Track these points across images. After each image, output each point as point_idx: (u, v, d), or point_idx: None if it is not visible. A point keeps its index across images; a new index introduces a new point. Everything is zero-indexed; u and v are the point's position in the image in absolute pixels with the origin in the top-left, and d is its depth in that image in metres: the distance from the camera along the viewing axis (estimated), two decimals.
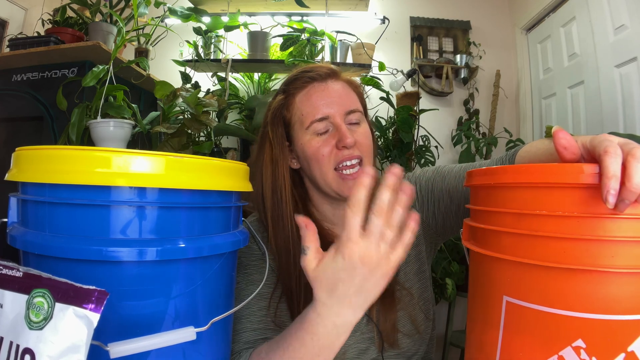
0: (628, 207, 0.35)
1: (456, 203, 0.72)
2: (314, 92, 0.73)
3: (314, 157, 0.70)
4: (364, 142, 0.72)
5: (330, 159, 0.70)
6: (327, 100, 0.71)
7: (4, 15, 2.09)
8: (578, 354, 0.37)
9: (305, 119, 0.71)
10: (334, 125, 0.71)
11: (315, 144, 0.70)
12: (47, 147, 0.40)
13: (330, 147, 0.70)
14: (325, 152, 0.70)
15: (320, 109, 0.71)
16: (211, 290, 0.46)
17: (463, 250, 1.08)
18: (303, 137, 0.72)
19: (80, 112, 1.37)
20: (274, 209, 0.72)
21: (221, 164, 0.45)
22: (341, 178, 0.70)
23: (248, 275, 0.71)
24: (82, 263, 0.38)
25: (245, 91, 2.29)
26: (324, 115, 0.70)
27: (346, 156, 0.69)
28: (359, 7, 2.24)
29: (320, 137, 0.71)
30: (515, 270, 0.41)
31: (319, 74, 0.74)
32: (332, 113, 0.70)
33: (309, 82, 0.74)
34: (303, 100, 0.73)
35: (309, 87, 0.73)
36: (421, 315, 0.75)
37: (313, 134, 0.71)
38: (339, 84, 0.74)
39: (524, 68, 2.37)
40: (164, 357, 0.41)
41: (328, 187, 0.71)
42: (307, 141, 0.71)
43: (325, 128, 0.71)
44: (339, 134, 0.69)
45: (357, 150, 0.70)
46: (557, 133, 0.40)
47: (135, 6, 1.50)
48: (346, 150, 0.69)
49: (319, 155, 0.70)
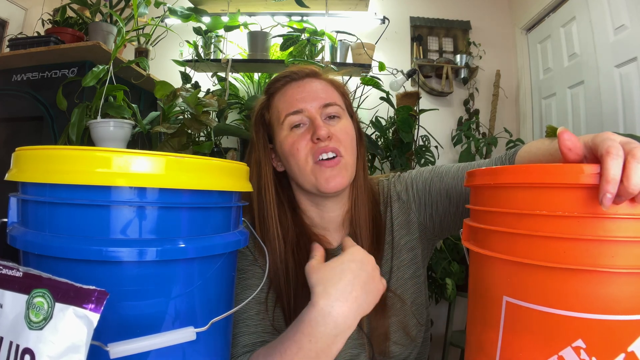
0: (623, 203, 0.35)
1: (454, 204, 0.71)
2: (289, 89, 0.73)
3: (290, 152, 0.70)
4: (342, 136, 0.70)
5: (308, 152, 0.69)
6: (302, 95, 0.71)
7: (4, 15, 2.09)
8: (578, 354, 0.37)
9: (280, 114, 0.72)
10: (310, 119, 0.70)
11: (291, 139, 0.70)
12: (47, 147, 0.40)
13: (305, 141, 0.69)
14: (300, 146, 0.69)
15: (294, 104, 0.71)
16: (211, 290, 0.46)
17: (463, 250, 1.09)
18: (280, 134, 0.72)
19: (80, 112, 1.37)
20: (260, 209, 0.72)
21: (221, 164, 0.45)
22: (318, 166, 0.69)
23: (243, 280, 0.71)
24: (82, 263, 0.38)
25: (245, 91, 2.29)
26: (297, 108, 0.70)
27: (322, 148, 0.68)
28: (359, 7, 2.24)
29: (295, 132, 0.70)
30: (515, 270, 0.41)
31: (298, 74, 0.75)
32: (306, 107, 0.70)
33: (287, 82, 0.75)
34: (279, 98, 0.74)
35: (286, 87, 0.74)
36: (413, 321, 0.74)
37: (288, 130, 0.71)
38: (318, 82, 0.74)
39: (524, 68, 2.37)
40: (164, 357, 0.41)
41: (308, 182, 0.70)
42: (283, 137, 0.71)
43: (300, 121, 0.70)
44: (313, 126, 0.69)
45: (333, 143, 0.69)
46: (562, 134, 0.40)
47: (135, 6, 1.50)
48: (321, 143, 0.68)
49: (294, 149, 0.69)
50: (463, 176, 0.71)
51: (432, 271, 1.80)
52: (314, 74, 0.76)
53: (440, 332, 2.10)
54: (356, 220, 0.74)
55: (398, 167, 1.92)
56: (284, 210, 0.74)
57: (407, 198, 0.77)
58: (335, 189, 0.69)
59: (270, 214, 0.71)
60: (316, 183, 0.69)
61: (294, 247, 0.72)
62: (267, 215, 0.72)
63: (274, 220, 0.71)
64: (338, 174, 0.69)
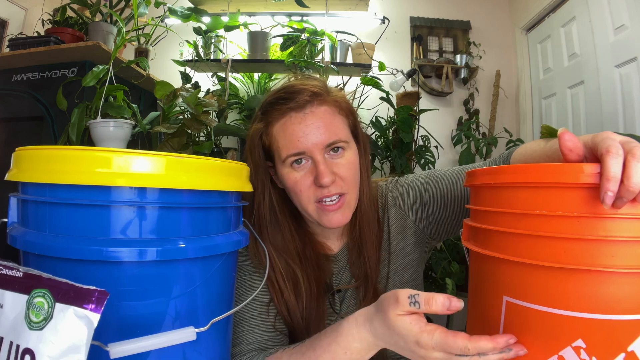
0: (625, 205, 0.35)
1: (450, 208, 0.72)
2: (290, 124, 0.67)
3: (292, 190, 0.69)
4: (346, 174, 0.68)
5: (310, 193, 0.68)
6: (304, 132, 0.66)
7: (4, 15, 2.09)
8: (578, 353, 0.37)
9: (281, 152, 0.68)
10: (312, 159, 0.67)
11: (293, 177, 0.68)
12: (47, 147, 0.40)
13: (308, 182, 0.67)
14: (303, 187, 0.68)
15: (296, 144, 0.66)
16: (211, 290, 0.46)
17: (463, 250, 1.08)
18: (282, 168, 0.69)
19: (80, 112, 1.37)
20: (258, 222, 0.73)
21: (221, 164, 0.45)
22: (322, 209, 0.68)
23: (247, 281, 0.71)
24: (83, 263, 0.38)
25: (245, 91, 2.29)
26: (299, 150, 0.66)
27: (325, 194, 0.67)
28: (359, 7, 2.24)
29: (298, 170, 0.68)
30: (515, 270, 0.41)
31: (298, 103, 0.67)
32: (308, 148, 0.66)
33: (286, 112, 0.68)
34: (279, 132, 0.69)
35: (285, 119, 0.68)
36: None
37: (289, 166, 0.68)
38: (322, 110, 0.68)
39: (524, 68, 2.37)
40: (164, 357, 0.41)
41: (310, 216, 0.70)
42: (285, 173, 0.69)
43: (302, 159, 0.68)
44: (316, 170, 0.66)
45: (336, 187, 0.67)
46: (562, 135, 0.40)
47: (135, 6, 1.50)
48: (325, 189, 0.67)
49: (297, 190, 0.68)
50: (458, 180, 0.71)
51: (432, 271, 1.80)
52: (317, 98, 0.68)
53: None
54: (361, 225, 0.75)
55: (398, 167, 1.92)
56: (285, 225, 0.74)
57: (403, 203, 0.78)
58: (338, 226, 0.69)
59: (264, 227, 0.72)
60: (318, 219, 0.69)
61: (301, 257, 0.73)
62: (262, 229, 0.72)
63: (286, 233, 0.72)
64: (341, 214, 0.69)
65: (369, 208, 0.75)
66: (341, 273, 0.77)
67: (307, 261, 0.73)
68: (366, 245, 0.74)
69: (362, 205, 0.74)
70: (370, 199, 0.76)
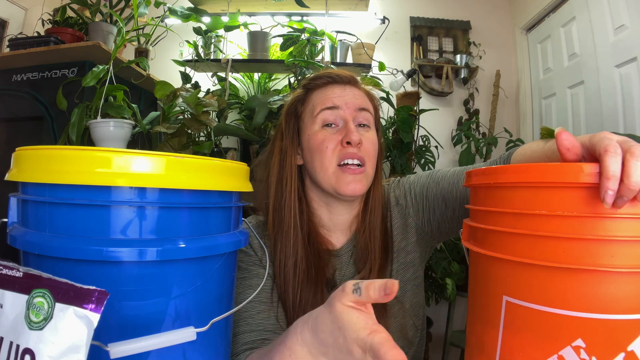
0: (625, 204, 0.35)
1: (451, 208, 0.72)
2: (330, 89, 0.74)
3: (318, 149, 0.70)
4: (369, 147, 0.72)
5: (335, 153, 0.70)
6: (341, 94, 0.73)
7: (4, 15, 2.09)
8: (578, 353, 0.37)
9: (315, 107, 0.73)
10: (343, 120, 0.71)
11: (322, 136, 0.71)
12: (47, 147, 0.40)
13: (335, 142, 0.70)
14: (330, 145, 0.70)
15: (331, 99, 0.72)
16: (211, 290, 0.46)
17: (463, 250, 1.09)
18: (311, 127, 0.72)
19: (80, 112, 1.37)
20: (276, 197, 0.73)
21: (221, 164, 0.45)
22: (343, 172, 0.70)
23: (246, 280, 0.71)
24: (82, 263, 0.38)
25: (245, 91, 2.29)
26: (334, 104, 0.71)
27: (349, 154, 0.69)
28: (359, 7, 2.24)
29: (327, 130, 0.71)
30: (515, 270, 0.41)
31: (340, 77, 0.76)
32: (342, 105, 0.71)
33: (329, 82, 0.76)
34: (317, 95, 0.75)
35: (327, 86, 0.75)
36: (410, 323, 0.75)
37: (320, 126, 0.72)
38: (357, 91, 0.76)
39: (524, 68, 2.37)
40: (164, 357, 0.41)
41: (327, 182, 0.71)
42: (314, 132, 0.72)
43: (334, 121, 0.71)
44: (346, 129, 0.70)
45: (361, 152, 0.70)
46: (560, 134, 0.40)
47: (135, 6, 1.50)
48: (351, 148, 0.69)
49: (323, 147, 0.70)
50: (459, 181, 0.72)
51: (432, 271, 1.80)
52: (355, 82, 0.77)
53: (440, 332, 2.10)
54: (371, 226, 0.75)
55: (398, 167, 1.92)
56: (302, 202, 0.75)
57: (405, 203, 0.78)
58: (354, 194, 0.70)
59: (289, 204, 0.72)
60: (335, 185, 0.70)
61: (306, 241, 0.73)
62: (285, 205, 0.72)
63: (293, 210, 0.72)
64: (359, 181, 0.70)
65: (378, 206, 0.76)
66: (344, 269, 0.76)
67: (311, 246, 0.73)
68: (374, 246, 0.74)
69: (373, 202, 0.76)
70: (379, 198, 0.77)
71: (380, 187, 0.79)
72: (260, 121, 1.76)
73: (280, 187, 0.73)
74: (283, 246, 0.71)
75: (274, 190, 0.74)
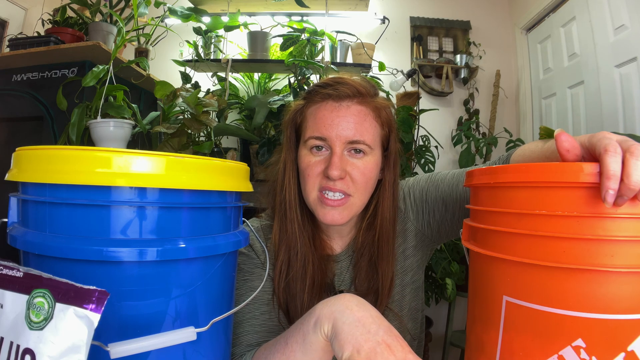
0: (625, 203, 0.35)
1: (451, 210, 0.72)
2: (323, 109, 0.69)
3: (304, 172, 0.70)
4: (358, 177, 0.68)
5: (317, 181, 0.68)
6: (333, 121, 0.67)
7: (4, 15, 2.09)
8: (578, 353, 0.37)
9: (306, 132, 0.70)
10: (331, 148, 0.67)
11: (308, 160, 0.69)
12: (47, 147, 0.40)
13: (319, 169, 0.68)
14: (313, 172, 0.68)
15: (321, 129, 0.67)
16: (212, 290, 0.46)
17: (463, 250, 1.08)
18: (302, 149, 0.71)
19: (80, 112, 1.37)
20: (280, 207, 0.73)
21: (221, 164, 0.45)
22: (320, 200, 0.68)
23: (248, 282, 0.71)
24: (83, 263, 0.38)
25: (245, 91, 2.29)
26: (322, 135, 0.67)
27: (329, 186, 0.67)
28: (359, 7, 2.24)
29: (314, 155, 0.69)
30: (515, 270, 0.41)
31: (338, 93, 0.68)
32: (331, 136, 0.67)
33: (325, 98, 0.70)
34: (312, 113, 0.71)
35: (321, 103, 0.70)
36: (408, 327, 0.76)
37: (308, 149, 0.70)
38: (358, 108, 0.68)
39: (524, 68, 2.37)
40: (164, 357, 0.41)
41: (311, 206, 0.70)
42: (303, 155, 0.70)
43: (323, 144, 0.68)
44: (330, 160, 0.66)
45: (343, 185, 0.67)
46: (559, 136, 0.40)
47: (135, 6, 1.50)
48: (331, 181, 0.67)
49: (307, 173, 0.69)
50: (459, 183, 0.72)
51: (432, 271, 1.80)
52: (358, 95, 0.69)
53: (440, 332, 2.10)
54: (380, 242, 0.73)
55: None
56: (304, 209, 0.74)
57: (404, 207, 0.78)
58: (333, 223, 0.68)
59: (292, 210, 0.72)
60: (316, 211, 0.69)
61: (312, 246, 0.73)
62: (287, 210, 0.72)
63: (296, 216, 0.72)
64: (338, 213, 0.68)
65: (389, 225, 0.73)
66: (343, 274, 0.77)
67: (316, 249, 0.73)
68: (382, 262, 0.72)
69: (383, 222, 0.73)
70: (392, 217, 0.74)
71: (393, 209, 0.74)
72: (260, 121, 1.76)
73: (282, 194, 0.73)
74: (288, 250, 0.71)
75: (278, 196, 0.74)
